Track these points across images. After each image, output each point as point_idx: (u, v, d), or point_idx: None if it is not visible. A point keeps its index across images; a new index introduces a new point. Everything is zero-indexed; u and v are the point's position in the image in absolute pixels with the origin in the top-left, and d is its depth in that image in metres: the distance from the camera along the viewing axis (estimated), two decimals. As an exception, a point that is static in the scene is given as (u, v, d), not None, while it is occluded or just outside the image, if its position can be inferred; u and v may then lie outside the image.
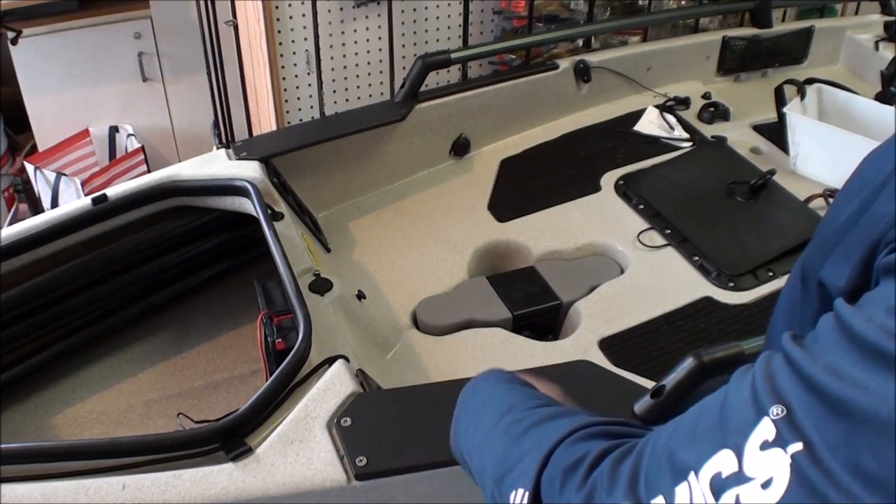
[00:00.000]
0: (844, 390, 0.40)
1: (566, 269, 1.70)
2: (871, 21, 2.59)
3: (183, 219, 1.65)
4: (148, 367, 1.63)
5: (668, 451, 0.48)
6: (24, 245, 1.44)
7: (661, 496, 0.47)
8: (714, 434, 0.46)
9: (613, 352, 1.47)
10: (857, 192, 0.51)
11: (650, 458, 0.50)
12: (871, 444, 0.38)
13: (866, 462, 0.38)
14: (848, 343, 0.42)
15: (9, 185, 3.07)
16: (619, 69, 2.23)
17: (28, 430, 1.48)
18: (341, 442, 1.04)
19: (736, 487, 0.43)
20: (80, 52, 2.89)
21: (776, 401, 0.43)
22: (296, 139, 1.80)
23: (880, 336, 0.40)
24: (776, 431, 0.42)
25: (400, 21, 2.18)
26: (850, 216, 0.51)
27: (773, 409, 0.43)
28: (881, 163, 0.50)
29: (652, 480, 0.48)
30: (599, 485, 0.52)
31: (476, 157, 2.06)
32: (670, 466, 0.47)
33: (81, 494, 0.97)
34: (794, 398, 0.43)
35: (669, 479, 0.47)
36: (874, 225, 0.47)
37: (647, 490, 0.48)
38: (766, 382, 0.45)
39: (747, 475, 0.43)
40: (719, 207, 1.84)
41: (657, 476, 0.48)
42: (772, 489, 0.41)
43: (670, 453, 0.48)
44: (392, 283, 1.66)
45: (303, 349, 1.15)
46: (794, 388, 0.43)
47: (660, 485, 0.47)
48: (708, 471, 0.45)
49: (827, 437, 0.40)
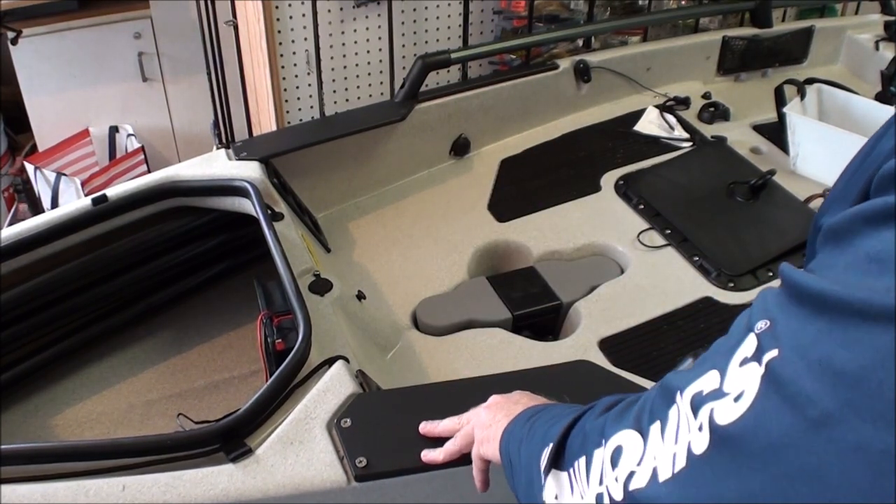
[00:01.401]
0: (825, 286, 0.40)
1: (566, 269, 1.70)
2: (871, 21, 2.59)
3: (183, 219, 1.65)
4: (148, 367, 1.63)
5: (668, 381, 0.50)
6: (24, 245, 1.44)
7: (658, 421, 0.48)
8: (708, 360, 0.47)
9: (613, 352, 1.47)
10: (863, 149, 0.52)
11: (657, 391, 0.51)
12: (845, 335, 0.38)
13: (838, 355, 0.38)
14: (839, 254, 0.43)
15: (9, 185, 3.07)
16: (619, 69, 2.23)
17: (28, 431, 1.48)
18: (341, 443, 1.04)
19: (711, 402, 0.44)
20: (80, 52, 2.89)
21: (763, 316, 0.44)
22: (296, 139, 1.80)
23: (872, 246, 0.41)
24: (757, 344, 0.43)
25: (400, 21, 2.18)
26: (853, 166, 0.52)
27: (759, 324, 0.44)
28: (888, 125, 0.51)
29: (653, 408, 0.50)
30: (609, 418, 0.54)
31: (476, 157, 2.06)
32: (665, 392, 0.49)
33: (81, 495, 0.97)
34: (778, 309, 0.43)
35: (664, 404, 0.48)
36: (873, 164, 0.47)
37: (649, 418, 0.50)
38: (758, 304, 0.46)
39: (724, 391, 0.43)
40: (719, 207, 1.84)
41: (657, 403, 0.50)
42: (742, 400, 0.42)
43: (668, 381, 0.50)
44: (392, 283, 1.66)
45: (303, 350, 1.15)
46: (781, 299, 0.44)
47: (657, 411, 0.49)
48: (691, 390, 0.46)
49: (802, 339, 0.40)
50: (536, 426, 0.71)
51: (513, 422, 0.79)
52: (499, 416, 0.83)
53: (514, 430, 0.77)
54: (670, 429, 0.47)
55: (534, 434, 0.70)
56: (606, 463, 0.51)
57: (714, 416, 0.43)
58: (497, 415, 0.84)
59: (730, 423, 0.42)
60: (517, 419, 0.78)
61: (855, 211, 0.43)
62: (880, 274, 0.39)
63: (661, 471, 0.46)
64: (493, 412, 0.85)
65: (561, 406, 0.76)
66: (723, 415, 0.42)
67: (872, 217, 0.42)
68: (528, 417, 0.76)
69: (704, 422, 0.44)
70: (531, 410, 0.78)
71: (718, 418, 0.43)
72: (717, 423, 0.43)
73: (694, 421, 0.44)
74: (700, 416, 0.44)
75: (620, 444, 0.51)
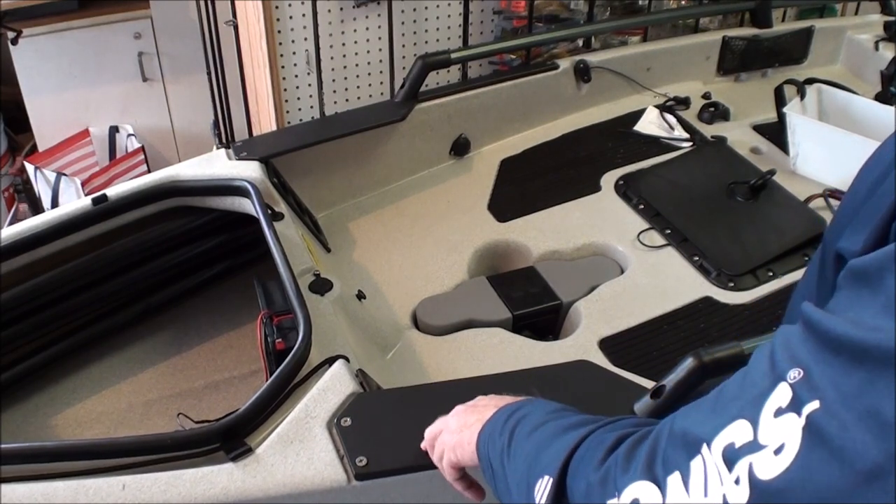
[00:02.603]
0: (863, 335, 0.39)
1: (566, 269, 1.69)
2: (871, 21, 2.59)
3: (183, 219, 1.65)
4: (148, 367, 1.63)
5: (684, 429, 0.48)
6: (24, 245, 1.44)
7: (677, 472, 0.47)
8: (731, 406, 0.46)
9: (613, 352, 1.47)
10: (876, 166, 0.51)
11: (668, 437, 0.49)
12: (890, 387, 0.37)
13: (883, 406, 0.37)
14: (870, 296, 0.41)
15: (9, 185, 3.07)
16: (619, 69, 2.23)
17: (28, 430, 1.48)
18: (341, 442, 1.04)
19: (749, 456, 0.42)
20: (80, 52, 2.89)
21: (793, 365, 0.43)
22: (296, 139, 1.80)
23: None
24: (792, 394, 0.42)
25: (400, 21, 2.18)
26: (868, 187, 0.51)
27: (791, 374, 0.42)
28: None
29: (669, 458, 0.48)
30: (616, 464, 0.52)
31: (476, 157, 2.06)
32: (685, 442, 0.47)
33: (81, 494, 0.97)
34: (811, 358, 0.42)
35: (685, 455, 0.47)
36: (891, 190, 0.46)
37: (664, 468, 0.48)
38: (783, 349, 0.45)
39: (761, 443, 0.42)
40: (719, 207, 1.84)
41: (674, 453, 0.48)
42: (784, 454, 0.41)
43: (685, 430, 0.48)
44: (392, 283, 1.66)
45: (303, 349, 1.15)
46: (812, 347, 0.42)
47: (676, 461, 0.47)
48: (721, 442, 0.44)
49: (844, 389, 0.39)
50: (519, 437, 0.69)
51: (489, 423, 0.77)
52: (470, 419, 0.82)
53: (491, 432, 0.75)
54: (695, 482, 0.45)
55: (518, 448, 0.68)
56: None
57: (754, 470, 0.42)
58: (468, 419, 0.82)
59: (773, 478, 0.41)
60: (493, 420, 0.77)
61: (887, 251, 0.42)
62: None
63: None
64: (462, 418, 0.84)
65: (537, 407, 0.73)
66: (764, 469, 0.41)
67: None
68: (504, 419, 0.74)
69: (743, 475, 0.42)
70: (507, 410, 0.76)
71: (759, 473, 0.41)
72: (758, 478, 0.41)
73: (729, 474, 0.43)
74: (737, 470, 0.43)
75: (637, 496, 0.49)
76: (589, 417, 0.65)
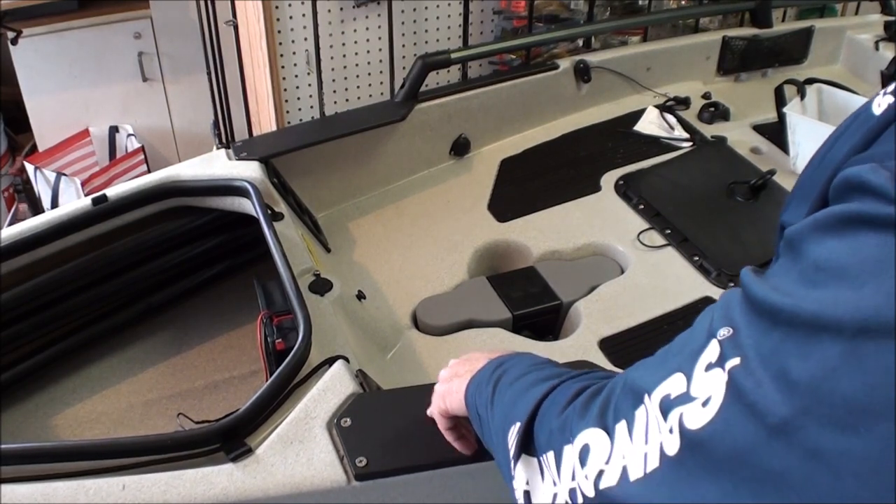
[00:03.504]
0: (778, 299, 0.42)
1: (566, 269, 1.70)
2: (871, 21, 2.59)
3: (183, 219, 1.65)
4: (148, 367, 1.63)
5: (633, 380, 0.51)
6: (24, 245, 1.44)
7: (624, 420, 0.50)
8: (672, 360, 0.49)
9: (613, 352, 1.47)
10: (823, 146, 0.53)
11: (621, 388, 0.52)
12: (799, 347, 0.40)
13: (791, 365, 0.40)
14: (792, 263, 0.44)
15: (9, 185, 3.07)
16: (619, 69, 2.23)
17: (28, 430, 1.48)
18: (341, 442, 1.04)
19: (680, 407, 0.45)
20: (80, 52, 2.89)
21: (726, 323, 0.46)
22: (296, 139, 1.80)
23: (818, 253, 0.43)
24: (720, 350, 0.45)
25: (400, 21, 2.18)
26: (813, 163, 0.54)
27: (721, 331, 0.45)
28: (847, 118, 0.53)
29: (618, 407, 0.51)
30: (574, 412, 0.56)
31: (476, 157, 2.06)
32: (632, 393, 0.50)
33: (81, 495, 0.97)
34: (741, 319, 0.45)
35: (631, 405, 0.50)
36: (831, 163, 0.49)
37: (614, 416, 0.51)
38: (721, 309, 0.48)
39: (692, 395, 0.45)
40: (719, 207, 1.84)
41: (623, 403, 0.51)
42: (709, 406, 0.43)
43: (634, 382, 0.51)
44: (392, 283, 1.66)
45: (303, 349, 1.15)
46: (743, 308, 0.45)
47: (623, 410, 0.50)
48: (659, 393, 0.48)
49: (762, 349, 0.42)
50: (502, 386, 0.73)
51: (478, 373, 0.81)
52: (461, 370, 0.86)
53: (479, 382, 0.79)
54: (638, 429, 0.48)
55: (499, 397, 0.72)
56: (576, 460, 0.53)
57: (684, 420, 0.45)
58: (459, 369, 0.87)
59: (699, 429, 0.44)
60: (482, 371, 0.80)
61: (807, 221, 0.45)
62: (826, 284, 0.41)
63: (631, 470, 0.48)
64: (454, 368, 0.89)
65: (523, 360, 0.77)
66: (692, 419, 0.44)
67: (822, 225, 0.44)
68: (493, 369, 0.78)
69: (675, 425, 0.45)
70: (495, 362, 0.79)
71: (688, 422, 0.44)
72: (686, 428, 0.44)
73: (664, 423, 0.46)
74: (670, 420, 0.46)
75: (587, 442, 0.52)
76: (564, 371, 0.69)
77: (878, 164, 0.43)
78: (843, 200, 0.44)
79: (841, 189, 0.45)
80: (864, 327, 0.38)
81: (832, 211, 0.44)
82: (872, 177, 0.42)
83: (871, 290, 0.38)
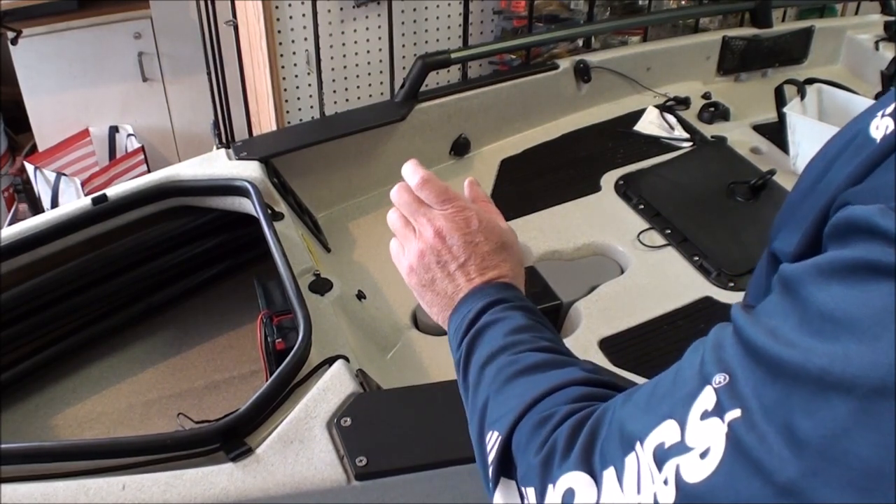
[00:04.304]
0: (779, 349, 0.40)
1: (566, 269, 1.69)
2: (871, 21, 2.59)
3: (183, 219, 1.65)
4: (148, 367, 1.63)
5: (622, 422, 0.49)
6: (24, 245, 1.44)
7: (612, 467, 0.47)
8: (662, 404, 0.46)
9: (613, 352, 1.47)
10: (820, 161, 0.51)
11: (608, 428, 0.50)
12: (805, 403, 0.38)
13: (798, 422, 0.38)
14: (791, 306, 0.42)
15: (9, 185, 3.07)
16: (619, 69, 2.23)
17: (28, 430, 1.48)
18: (341, 442, 1.04)
19: (676, 458, 0.43)
20: (80, 52, 2.89)
21: (720, 368, 0.43)
22: (296, 139, 1.80)
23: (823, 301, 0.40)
24: (716, 400, 0.42)
25: (400, 21, 2.18)
26: (806, 186, 0.51)
27: (716, 378, 0.43)
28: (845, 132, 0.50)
29: (606, 451, 0.49)
30: (556, 450, 0.52)
31: (476, 157, 2.06)
32: (621, 437, 0.48)
33: (82, 495, 0.97)
34: (736, 364, 0.43)
35: (620, 451, 0.47)
36: (827, 190, 0.46)
37: (601, 461, 0.48)
38: (713, 351, 0.45)
39: (688, 445, 0.43)
40: (719, 207, 1.84)
41: (611, 447, 0.48)
42: (709, 458, 0.41)
43: (622, 424, 0.48)
44: (392, 283, 1.66)
45: (303, 349, 1.15)
46: (737, 353, 0.43)
47: (612, 456, 0.48)
48: (652, 441, 0.45)
49: (764, 401, 0.40)
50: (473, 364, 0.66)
51: (452, 317, 0.73)
52: (430, 296, 0.75)
53: (454, 333, 0.71)
54: (629, 478, 0.46)
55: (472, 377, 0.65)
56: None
57: (681, 473, 0.42)
58: (429, 293, 0.75)
59: (699, 483, 0.41)
60: (455, 319, 0.71)
61: (807, 264, 0.42)
62: (834, 337, 0.38)
63: None
64: (425, 262, 0.75)
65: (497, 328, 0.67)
66: (690, 472, 0.42)
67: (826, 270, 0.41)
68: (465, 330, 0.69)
69: (671, 477, 0.43)
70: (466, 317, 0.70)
71: (686, 475, 0.42)
72: (684, 481, 0.42)
73: (658, 474, 0.44)
74: (665, 471, 0.43)
75: (571, 486, 0.49)
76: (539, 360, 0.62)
77: (886, 207, 0.40)
78: (846, 241, 0.42)
79: (843, 228, 0.43)
80: (880, 387, 0.35)
81: (838, 256, 0.41)
82: (881, 221, 0.39)
83: (886, 345, 0.36)
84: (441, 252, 0.73)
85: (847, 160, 0.47)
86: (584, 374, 0.60)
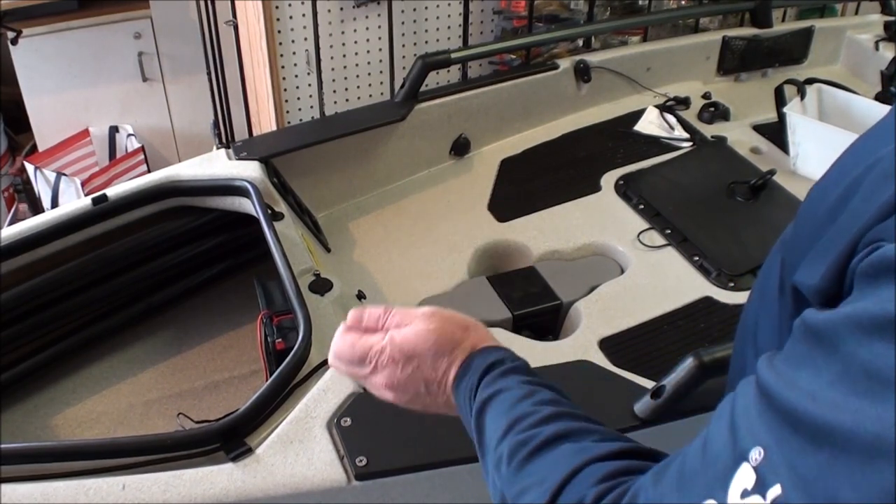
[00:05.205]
0: (822, 412, 0.38)
1: (566, 269, 1.70)
2: (871, 21, 2.59)
3: (183, 219, 1.65)
4: (148, 367, 1.63)
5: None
6: (24, 245, 1.44)
7: None
8: (696, 483, 0.44)
9: (613, 352, 1.47)
10: (840, 180, 0.48)
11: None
12: (851, 473, 0.36)
13: (842, 493, 0.36)
14: (824, 359, 0.40)
15: (9, 185, 3.07)
16: (619, 69, 2.23)
17: (28, 430, 1.48)
18: (341, 442, 1.04)
19: None
20: (80, 52, 2.89)
21: (755, 442, 0.41)
22: (296, 139, 1.80)
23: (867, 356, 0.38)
24: (756, 477, 0.40)
25: (400, 21, 2.18)
26: (828, 209, 0.48)
27: (752, 454, 0.41)
28: (861, 153, 0.48)
29: None
30: None
31: (476, 157, 2.06)
32: None
33: (81, 494, 0.97)
34: (770, 436, 0.41)
35: None
36: (854, 221, 0.44)
37: None
38: (744, 419, 0.43)
39: None
40: (719, 207, 1.84)
41: None
42: None
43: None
44: (392, 283, 1.66)
45: (303, 349, 1.15)
46: (771, 421, 0.41)
47: None
48: None
49: (804, 473, 0.38)
50: (487, 429, 0.64)
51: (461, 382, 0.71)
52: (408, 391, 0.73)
53: (464, 389, 0.69)
54: None
55: (488, 443, 0.64)
56: None
57: None
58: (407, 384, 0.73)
59: None
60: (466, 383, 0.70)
61: (840, 315, 0.40)
62: (885, 398, 0.35)
63: None
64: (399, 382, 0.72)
65: (503, 398, 0.66)
66: None
67: (867, 326, 0.38)
68: (469, 396, 0.68)
69: None
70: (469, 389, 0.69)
71: None
72: None
73: None
74: None
75: None
76: (552, 433, 0.59)
77: None
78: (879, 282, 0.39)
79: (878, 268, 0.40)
80: None
81: (876, 310, 0.38)
82: None
83: None
84: (403, 390, 0.73)
85: (872, 190, 0.44)
86: (600, 447, 0.57)
